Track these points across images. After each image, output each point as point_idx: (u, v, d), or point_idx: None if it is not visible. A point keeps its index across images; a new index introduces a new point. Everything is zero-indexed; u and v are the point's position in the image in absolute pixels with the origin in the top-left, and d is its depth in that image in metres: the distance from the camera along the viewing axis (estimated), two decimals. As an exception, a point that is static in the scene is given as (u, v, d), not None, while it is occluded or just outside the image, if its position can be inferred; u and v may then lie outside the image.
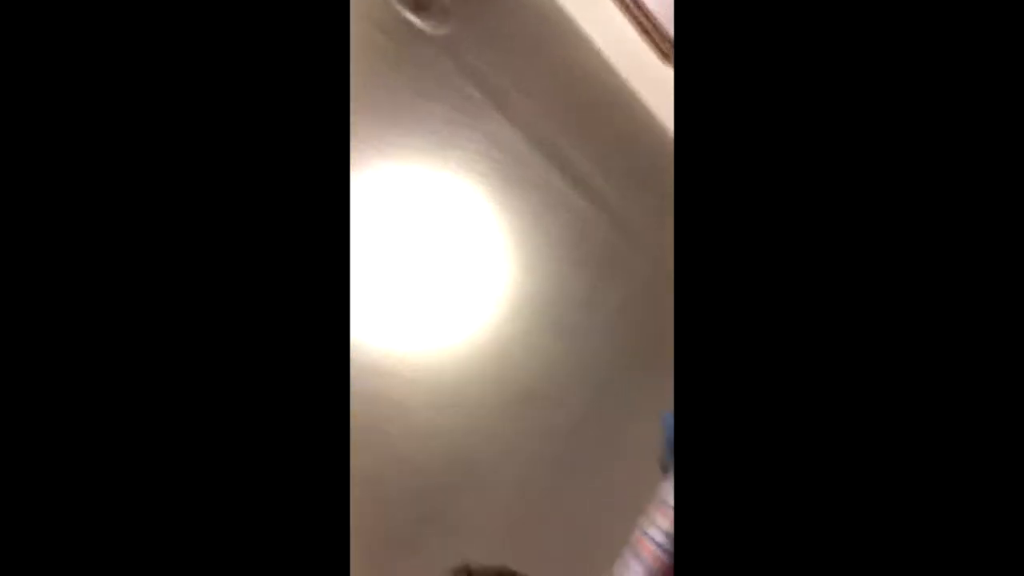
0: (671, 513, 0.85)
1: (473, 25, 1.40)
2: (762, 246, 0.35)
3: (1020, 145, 0.32)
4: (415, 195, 1.42)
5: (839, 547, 0.30)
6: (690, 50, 0.38)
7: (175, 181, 0.34)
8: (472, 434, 1.66)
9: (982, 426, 0.29)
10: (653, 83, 1.60)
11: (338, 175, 0.37)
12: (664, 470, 0.97)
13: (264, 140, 0.36)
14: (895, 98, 0.34)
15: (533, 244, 1.55)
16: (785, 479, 0.31)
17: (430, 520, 1.69)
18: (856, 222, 0.34)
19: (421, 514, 1.67)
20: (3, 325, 0.31)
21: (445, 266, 1.50)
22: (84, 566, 0.29)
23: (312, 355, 0.34)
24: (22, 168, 0.33)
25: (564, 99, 1.52)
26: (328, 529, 0.31)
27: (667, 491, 0.89)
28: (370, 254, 1.43)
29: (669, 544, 0.82)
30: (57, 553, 0.29)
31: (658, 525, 0.86)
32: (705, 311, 0.35)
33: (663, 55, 1.52)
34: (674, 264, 0.40)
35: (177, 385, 0.32)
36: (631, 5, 1.53)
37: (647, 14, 1.52)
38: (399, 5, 1.31)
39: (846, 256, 0.33)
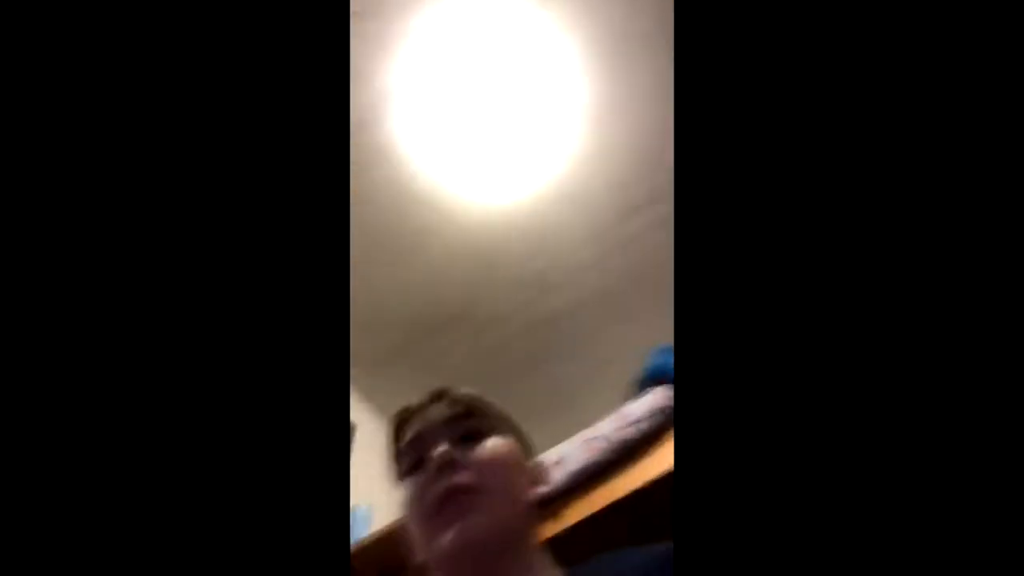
0: (627, 427, 0.91)
1: None
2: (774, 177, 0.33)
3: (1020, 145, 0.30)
4: (493, 41, 1.31)
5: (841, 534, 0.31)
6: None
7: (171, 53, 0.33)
8: (476, 286, 1.72)
9: (982, 426, 0.30)
10: None
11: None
12: (634, 392, 1.02)
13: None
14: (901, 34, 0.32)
15: (612, 134, 1.47)
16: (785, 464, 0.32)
17: (416, 345, 1.81)
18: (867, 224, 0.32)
19: (410, 338, 1.78)
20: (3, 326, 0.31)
21: (512, 110, 1.42)
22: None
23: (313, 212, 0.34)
24: (15, 168, 0.32)
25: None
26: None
27: (631, 406, 0.95)
28: (436, 83, 1.35)
29: (614, 451, 0.89)
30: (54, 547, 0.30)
31: (607, 432, 0.92)
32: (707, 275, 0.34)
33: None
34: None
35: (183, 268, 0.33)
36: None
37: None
38: None
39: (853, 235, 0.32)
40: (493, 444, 0.51)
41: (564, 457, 0.91)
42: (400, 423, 0.55)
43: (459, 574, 0.45)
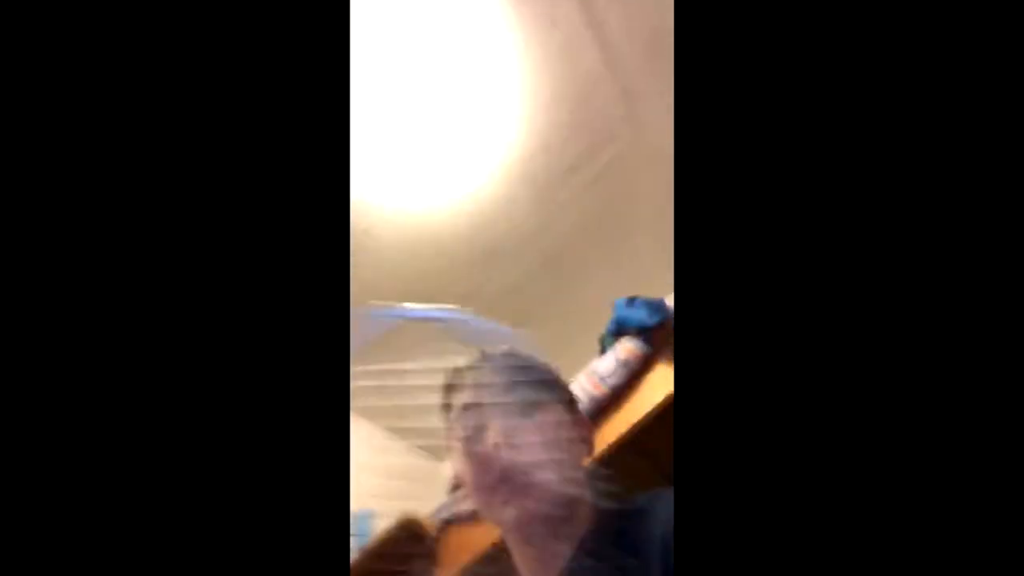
0: (599, 383, 0.97)
1: None
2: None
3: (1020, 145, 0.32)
4: (430, 20, 1.30)
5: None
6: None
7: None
8: (431, 278, 1.74)
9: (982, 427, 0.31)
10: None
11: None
12: (601, 349, 1.07)
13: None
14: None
15: (540, 95, 1.49)
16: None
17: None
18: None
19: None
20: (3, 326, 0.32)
21: (447, 106, 1.44)
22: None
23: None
24: (14, 168, 0.32)
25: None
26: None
27: (599, 364, 1.00)
28: (373, 87, 1.34)
29: (591, 406, 0.95)
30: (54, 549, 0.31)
31: (585, 390, 0.97)
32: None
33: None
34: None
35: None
36: None
37: None
38: None
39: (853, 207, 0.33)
40: (544, 418, 0.54)
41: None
42: (450, 385, 0.59)
43: (522, 541, 0.51)
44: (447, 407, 0.57)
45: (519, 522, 0.50)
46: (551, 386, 0.57)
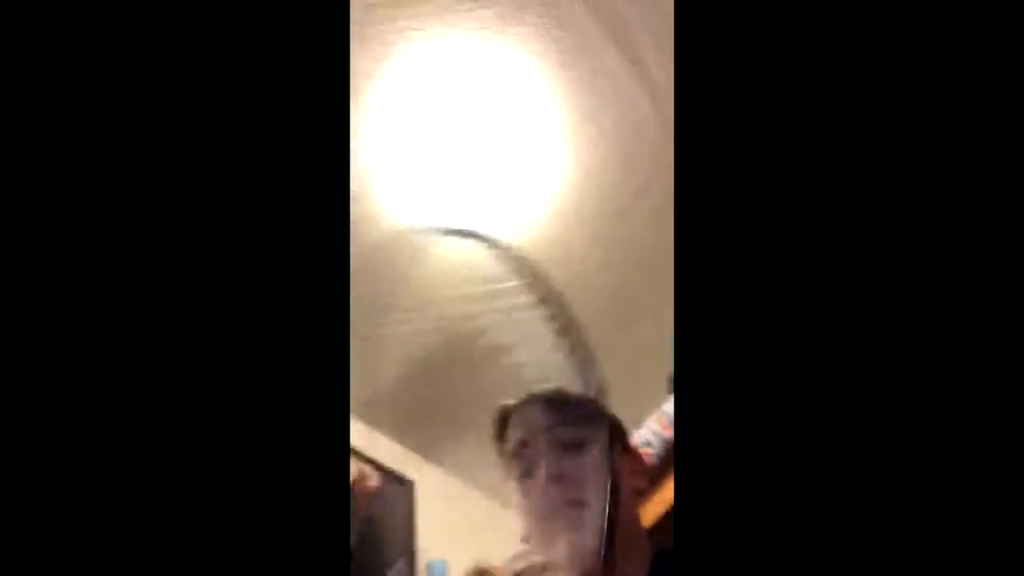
0: (670, 425, 0.94)
1: None
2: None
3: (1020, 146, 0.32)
4: (470, 72, 1.38)
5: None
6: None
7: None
8: (476, 319, 1.75)
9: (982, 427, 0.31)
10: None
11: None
12: (670, 388, 1.04)
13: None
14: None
15: (585, 140, 1.52)
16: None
17: (428, 396, 1.85)
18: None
19: (417, 395, 1.82)
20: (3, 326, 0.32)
21: (494, 154, 1.50)
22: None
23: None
24: (16, 168, 0.33)
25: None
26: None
27: (668, 404, 0.98)
28: (417, 134, 1.41)
29: (662, 450, 0.92)
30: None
31: (655, 432, 0.95)
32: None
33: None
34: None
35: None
36: None
37: None
38: None
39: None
40: (594, 455, 0.55)
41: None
42: (502, 422, 0.61)
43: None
44: (500, 447, 0.59)
45: (573, 558, 0.50)
46: (600, 423, 0.58)
